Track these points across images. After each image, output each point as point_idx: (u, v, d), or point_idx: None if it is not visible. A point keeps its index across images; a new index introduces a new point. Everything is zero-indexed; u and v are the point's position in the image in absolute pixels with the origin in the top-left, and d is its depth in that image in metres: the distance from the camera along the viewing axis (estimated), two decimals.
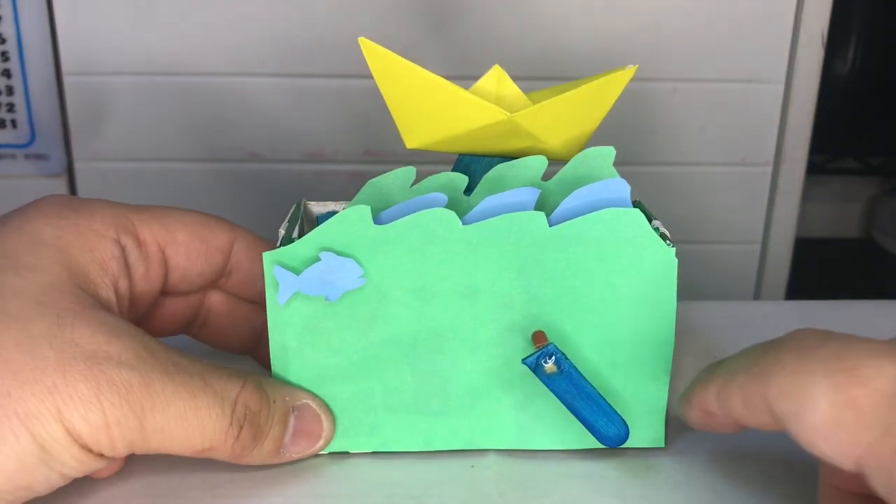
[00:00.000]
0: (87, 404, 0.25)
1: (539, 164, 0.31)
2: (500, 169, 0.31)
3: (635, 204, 0.30)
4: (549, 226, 0.28)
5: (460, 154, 0.32)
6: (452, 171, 0.31)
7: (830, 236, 0.73)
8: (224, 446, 0.27)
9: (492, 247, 0.29)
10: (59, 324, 0.25)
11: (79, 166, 0.52)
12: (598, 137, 0.53)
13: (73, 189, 0.53)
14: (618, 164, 0.31)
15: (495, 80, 0.31)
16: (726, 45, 0.51)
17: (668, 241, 0.29)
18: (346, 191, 0.52)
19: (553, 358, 0.28)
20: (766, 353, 0.23)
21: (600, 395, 0.29)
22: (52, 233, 0.28)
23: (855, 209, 0.74)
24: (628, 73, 0.31)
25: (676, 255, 0.29)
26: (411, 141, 0.31)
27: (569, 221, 0.29)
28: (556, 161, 0.31)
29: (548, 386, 0.28)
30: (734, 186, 0.55)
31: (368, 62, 0.29)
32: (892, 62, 0.64)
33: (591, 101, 0.31)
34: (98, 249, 0.28)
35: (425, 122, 0.30)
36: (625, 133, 0.53)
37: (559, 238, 0.29)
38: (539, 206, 0.30)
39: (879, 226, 0.72)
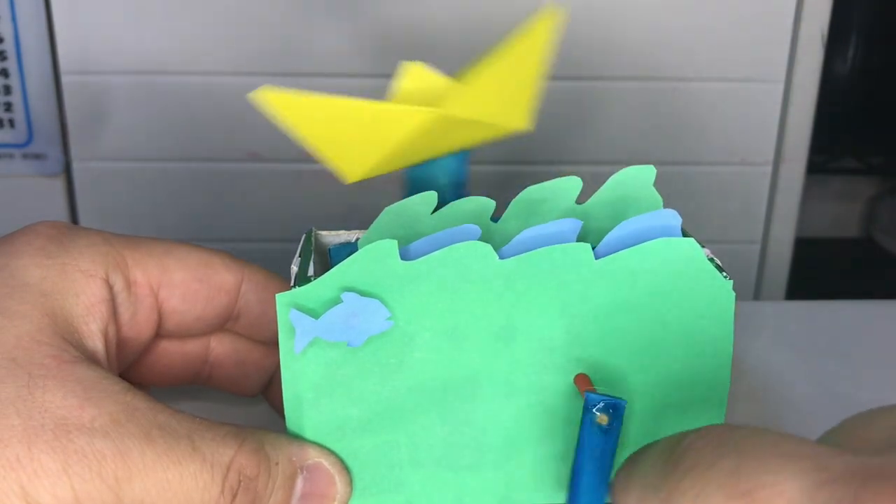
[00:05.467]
0: (53, 479, 0.23)
1: (573, 185, 0.28)
2: (530, 192, 0.28)
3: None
4: (595, 259, 0.26)
5: (407, 169, 0.29)
6: (405, 190, 0.29)
7: (830, 236, 0.73)
8: None
9: (532, 283, 0.26)
10: (29, 385, 0.24)
11: (77, 166, 0.52)
12: (596, 136, 0.53)
13: (71, 189, 0.52)
14: (617, 163, 0.30)
15: (415, 77, 0.28)
16: (726, 44, 0.51)
17: (723, 273, 0.27)
18: (345, 190, 0.52)
19: (613, 413, 0.25)
20: (668, 467, 0.21)
21: (611, 474, 0.26)
22: (38, 273, 0.26)
23: (855, 209, 0.74)
24: (550, 14, 0.27)
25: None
26: (351, 174, 0.28)
27: (617, 254, 0.26)
28: (515, 132, 0.29)
29: (582, 430, 0.26)
30: (734, 186, 0.55)
31: (277, 114, 0.26)
32: (892, 62, 0.64)
33: (523, 59, 0.28)
34: (85, 293, 0.27)
35: (357, 151, 0.27)
36: (624, 133, 0.53)
37: (606, 272, 0.26)
38: (581, 234, 0.27)
39: (879, 226, 0.72)
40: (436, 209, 0.29)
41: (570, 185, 0.28)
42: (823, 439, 0.22)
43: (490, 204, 0.28)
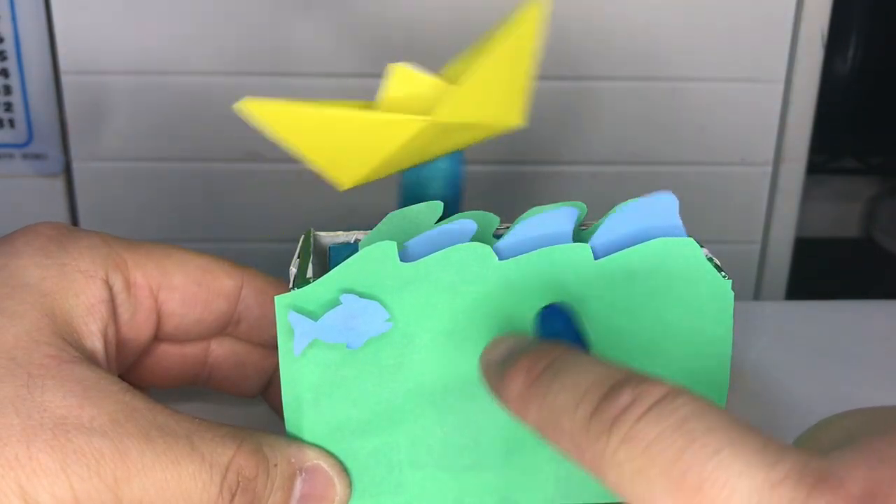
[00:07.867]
0: (51, 478, 0.23)
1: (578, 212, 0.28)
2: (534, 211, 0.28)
3: None
4: (594, 258, 0.26)
5: (402, 172, 0.29)
6: (400, 193, 0.29)
7: (830, 236, 0.73)
8: None
9: (531, 284, 0.26)
10: (29, 384, 0.24)
11: (77, 166, 0.52)
12: (596, 136, 0.53)
13: (71, 189, 0.52)
14: (618, 163, 0.30)
15: (402, 79, 0.27)
16: (726, 44, 0.51)
17: (722, 273, 0.27)
18: (344, 191, 0.52)
19: None
20: (598, 427, 0.19)
21: None
22: (37, 273, 0.26)
23: (855, 209, 0.74)
24: (537, 5, 0.27)
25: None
26: (344, 181, 0.28)
27: (616, 254, 0.26)
28: (508, 131, 0.28)
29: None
30: (734, 186, 0.55)
31: (264, 123, 0.26)
32: (892, 62, 0.64)
33: (512, 53, 0.27)
34: (85, 293, 0.27)
35: (349, 159, 0.27)
36: (624, 133, 0.53)
37: (605, 273, 0.26)
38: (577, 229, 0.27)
39: (879, 226, 0.72)
40: (442, 215, 0.28)
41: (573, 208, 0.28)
42: (797, 442, 0.22)
43: (494, 220, 0.28)
